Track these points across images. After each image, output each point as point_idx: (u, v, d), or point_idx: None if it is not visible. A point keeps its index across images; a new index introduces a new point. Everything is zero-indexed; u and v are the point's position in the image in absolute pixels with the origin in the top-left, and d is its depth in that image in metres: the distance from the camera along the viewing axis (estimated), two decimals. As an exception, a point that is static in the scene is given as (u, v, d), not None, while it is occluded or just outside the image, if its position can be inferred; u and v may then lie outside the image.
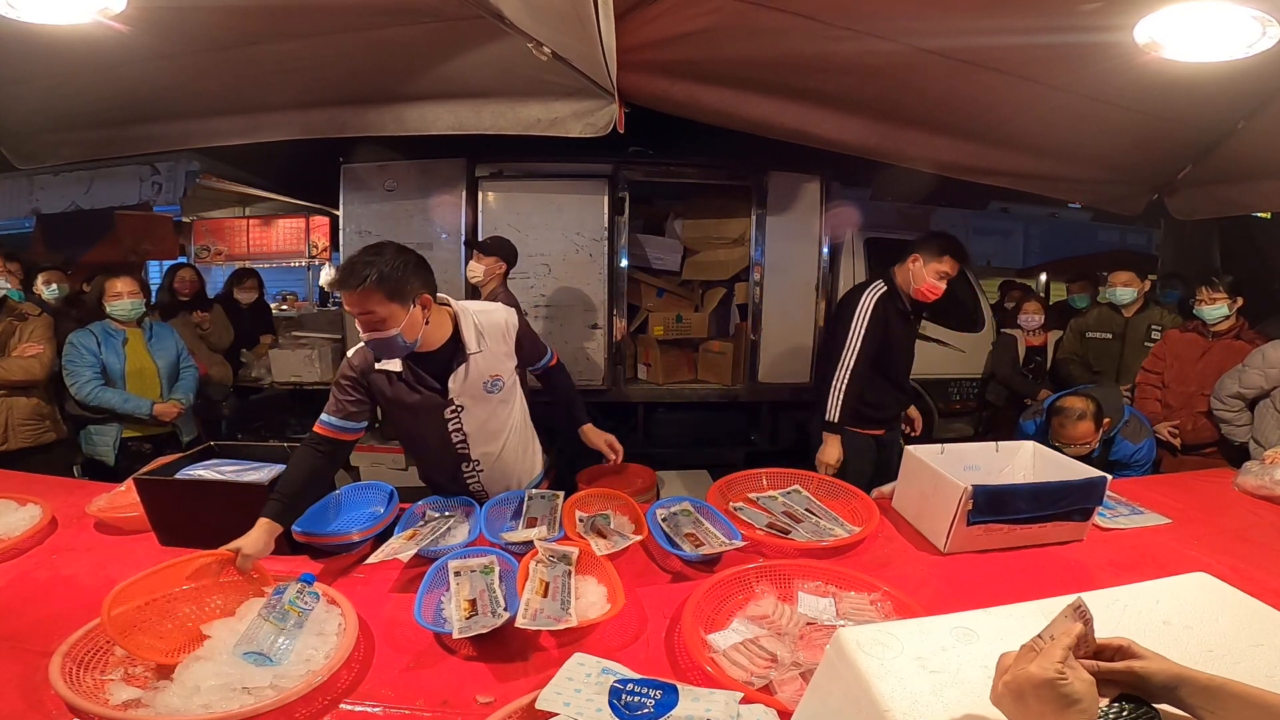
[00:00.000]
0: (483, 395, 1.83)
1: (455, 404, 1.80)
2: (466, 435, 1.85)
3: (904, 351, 2.70)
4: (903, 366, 2.72)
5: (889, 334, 2.54)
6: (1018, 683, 0.67)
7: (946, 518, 1.68)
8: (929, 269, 2.46)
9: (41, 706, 1.09)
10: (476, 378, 1.79)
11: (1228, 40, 1.79)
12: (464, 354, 1.76)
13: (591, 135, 2.46)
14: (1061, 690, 0.63)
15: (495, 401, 1.87)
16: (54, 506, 1.80)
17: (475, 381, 1.80)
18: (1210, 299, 2.95)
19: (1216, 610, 0.90)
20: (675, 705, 0.97)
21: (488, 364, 1.80)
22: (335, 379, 1.78)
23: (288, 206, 7.27)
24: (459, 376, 1.76)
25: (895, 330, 2.57)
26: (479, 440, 1.88)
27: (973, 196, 6.00)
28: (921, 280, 2.48)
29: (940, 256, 2.44)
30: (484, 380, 1.81)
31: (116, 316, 2.91)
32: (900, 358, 2.69)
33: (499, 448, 1.93)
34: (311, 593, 1.31)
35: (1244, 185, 3.16)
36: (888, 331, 2.53)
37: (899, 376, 2.71)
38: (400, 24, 2.16)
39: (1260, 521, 1.94)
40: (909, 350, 2.74)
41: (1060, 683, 0.63)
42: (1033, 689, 0.65)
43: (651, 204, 4.77)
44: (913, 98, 2.70)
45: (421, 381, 1.75)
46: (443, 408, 1.79)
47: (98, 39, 2.00)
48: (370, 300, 1.53)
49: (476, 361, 1.78)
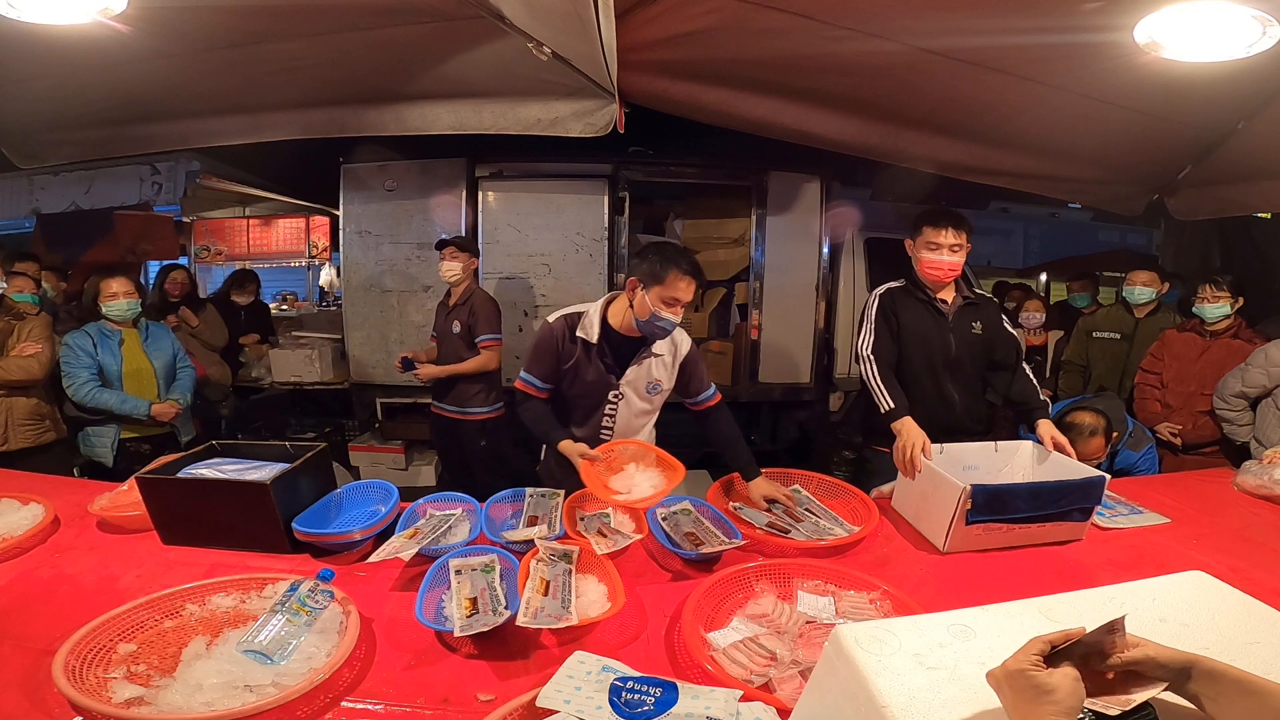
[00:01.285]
0: (643, 393, 2.04)
1: (620, 391, 2.01)
2: (615, 421, 2.05)
3: (938, 350, 2.25)
4: (931, 367, 2.26)
5: (906, 328, 2.24)
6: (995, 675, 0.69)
7: (946, 517, 1.68)
8: (918, 246, 2.23)
9: (44, 704, 1.09)
10: (645, 375, 2.01)
11: (1228, 40, 1.79)
12: (648, 350, 1.98)
13: (592, 135, 2.46)
14: (1033, 680, 0.64)
15: (648, 404, 2.08)
16: (56, 506, 1.80)
17: (643, 378, 2.01)
18: (1214, 297, 2.96)
19: (1213, 608, 0.90)
20: (675, 703, 0.97)
21: (658, 369, 2.03)
22: (532, 346, 2.01)
23: (288, 206, 7.26)
24: (636, 368, 1.99)
25: (916, 324, 2.24)
26: (623, 429, 2.07)
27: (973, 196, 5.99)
28: (918, 261, 2.23)
29: (920, 229, 2.22)
30: (649, 381, 2.03)
31: (112, 317, 2.90)
32: (932, 357, 2.25)
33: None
34: (325, 591, 1.30)
35: (1244, 185, 3.17)
36: (902, 325, 2.24)
37: (936, 381, 2.26)
38: (400, 24, 2.16)
39: (1260, 521, 1.95)
40: (946, 347, 2.25)
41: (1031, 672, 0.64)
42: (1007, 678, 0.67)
43: (651, 204, 4.77)
44: (913, 98, 2.70)
45: (605, 360, 1.96)
46: (609, 389, 2.00)
47: (98, 39, 2.00)
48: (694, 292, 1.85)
49: (652, 362, 2.00)
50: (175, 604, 1.32)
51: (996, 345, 2.30)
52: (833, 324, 4.69)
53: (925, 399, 2.22)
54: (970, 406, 2.32)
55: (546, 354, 1.97)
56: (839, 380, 4.78)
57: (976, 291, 2.35)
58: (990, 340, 2.29)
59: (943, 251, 2.18)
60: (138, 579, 1.50)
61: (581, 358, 1.96)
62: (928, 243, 2.20)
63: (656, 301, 1.83)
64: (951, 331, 2.25)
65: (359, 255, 4.29)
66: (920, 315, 2.26)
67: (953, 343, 2.25)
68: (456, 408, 3.34)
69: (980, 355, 2.30)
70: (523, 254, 4.21)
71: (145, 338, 3.02)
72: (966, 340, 2.26)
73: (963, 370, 2.28)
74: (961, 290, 2.29)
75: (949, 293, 2.29)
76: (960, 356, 2.26)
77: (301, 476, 1.75)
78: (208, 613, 1.32)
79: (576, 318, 1.97)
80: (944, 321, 2.26)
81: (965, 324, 2.27)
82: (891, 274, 2.40)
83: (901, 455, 1.92)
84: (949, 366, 2.27)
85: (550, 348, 1.96)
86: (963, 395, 2.29)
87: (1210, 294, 2.97)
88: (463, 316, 3.26)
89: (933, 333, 2.25)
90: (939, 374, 2.27)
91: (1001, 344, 2.30)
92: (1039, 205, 7.77)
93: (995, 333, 2.30)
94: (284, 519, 1.63)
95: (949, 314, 2.26)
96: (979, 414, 2.36)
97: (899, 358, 2.25)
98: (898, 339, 2.25)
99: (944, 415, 2.23)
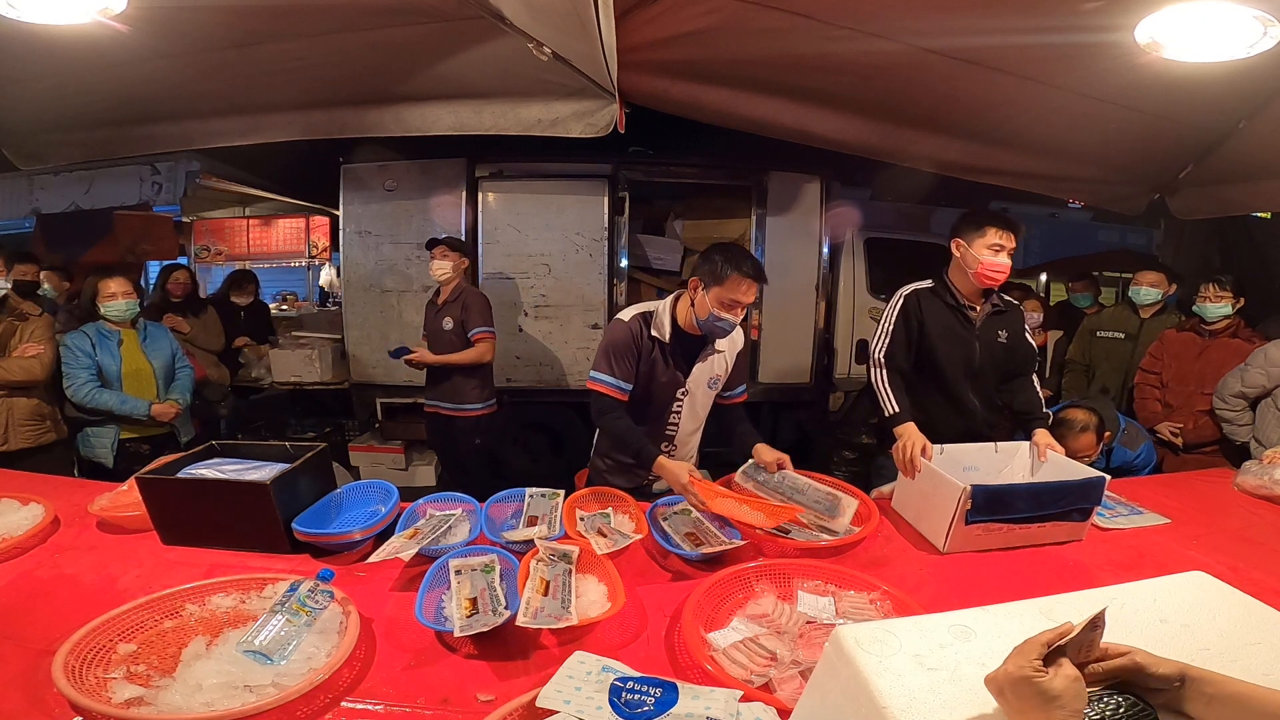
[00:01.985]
0: (705, 389, 2.08)
1: (687, 388, 2.05)
2: (680, 419, 2.09)
3: (962, 358, 2.19)
4: (961, 376, 2.20)
5: (931, 333, 2.17)
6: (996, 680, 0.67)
7: (946, 517, 1.68)
8: (976, 247, 2.09)
9: (44, 705, 1.09)
10: (708, 371, 2.05)
11: (1228, 40, 1.79)
12: (712, 348, 2.02)
13: (592, 135, 2.46)
14: (1039, 687, 0.63)
15: (709, 399, 2.12)
16: (56, 506, 1.80)
17: (706, 374, 2.05)
18: (1216, 297, 2.96)
19: (1213, 608, 0.90)
20: (675, 703, 0.97)
21: (720, 365, 2.07)
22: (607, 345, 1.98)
23: (288, 206, 7.27)
24: (702, 365, 2.03)
25: (942, 330, 2.18)
26: (687, 426, 2.12)
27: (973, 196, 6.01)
28: (976, 263, 2.09)
29: (982, 230, 2.09)
30: (710, 377, 2.07)
31: (110, 317, 2.90)
32: (956, 364, 2.19)
33: (693, 443, 2.19)
34: (325, 591, 1.30)
35: (1245, 185, 3.17)
36: (927, 330, 2.17)
37: (957, 389, 2.20)
38: (400, 24, 2.16)
39: (1260, 521, 1.95)
40: (971, 356, 2.19)
41: (1037, 679, 0.63)
42: (1010, 685, 0.65)
43: (651, 204, 4.78)
44: (913, 97, 2.70)
45: (674, 358, 2.00)
46: (677, 387, 2.04)
47: (98, 39, 2.00)
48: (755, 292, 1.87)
49: (715, 359, 2.04)
50: (175, 604, 1.32)
51: (1017, 353, 2.25)
52: (833, 324, 4.69)
53: (946, 406, 2.21)
54: (990, 415, 2.28)
55: (625, 353, 1.96)
56: (839, 380, 4.78)
57: (1005, 298, 2.29)
58: (1013, 349, 2.24)
59: (1004, 254, 2.09)
60: (137, 579, 1.50)
61: (657, 356, 1.99)
62: (992, 244, 2.08)
63: (716, 303, 1.85)
64: (978, 339, 2.20)
65: (359, 255, 4.30)
66: (947, 321, 2.19)
67: (978, 351, 2.20)
68: (451, 404, 3.34)
69: (1003, 364, 2.25)
70: (523, 254, 4.21)
71: (144, 338, 3.02)
72: (991, 349, 2.21)
73: (984, 379, 2.24)
74: (991, 298, 2.22)
75: (978, 299, 2.21)
76: (984, 365, 2.21)
77: (301, 477, 1.75)
78: (208, 613, 1.32)
79: (650, 315, 1.99)
80: (971, 329, 2.20)
81: (992, 332, 2.21)
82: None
83: (901, 456, 1.92)
84: (970, 375, 2.22)
85: (628, 346, 1.96)
86: (983, 403, 2.25)
87: (1214, 293, 2.97)
88: (454, 313, 3.26)
89: (959, 340, 2.19)
90: (961, 382, 2.22)
91: (1022, 352, 2.26)
92: (1039, 205, 7.76)
93: (1018, 342, 2.25)
94: (284, 519, 1.63)
95: (977, 321, 2.20)
96: (999, 423, 2.33)
97: (921, 362, 2.20)
98: (919, 344, 2.19)
99: (964, 423, 2.19)
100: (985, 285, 2.14)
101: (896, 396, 2.08)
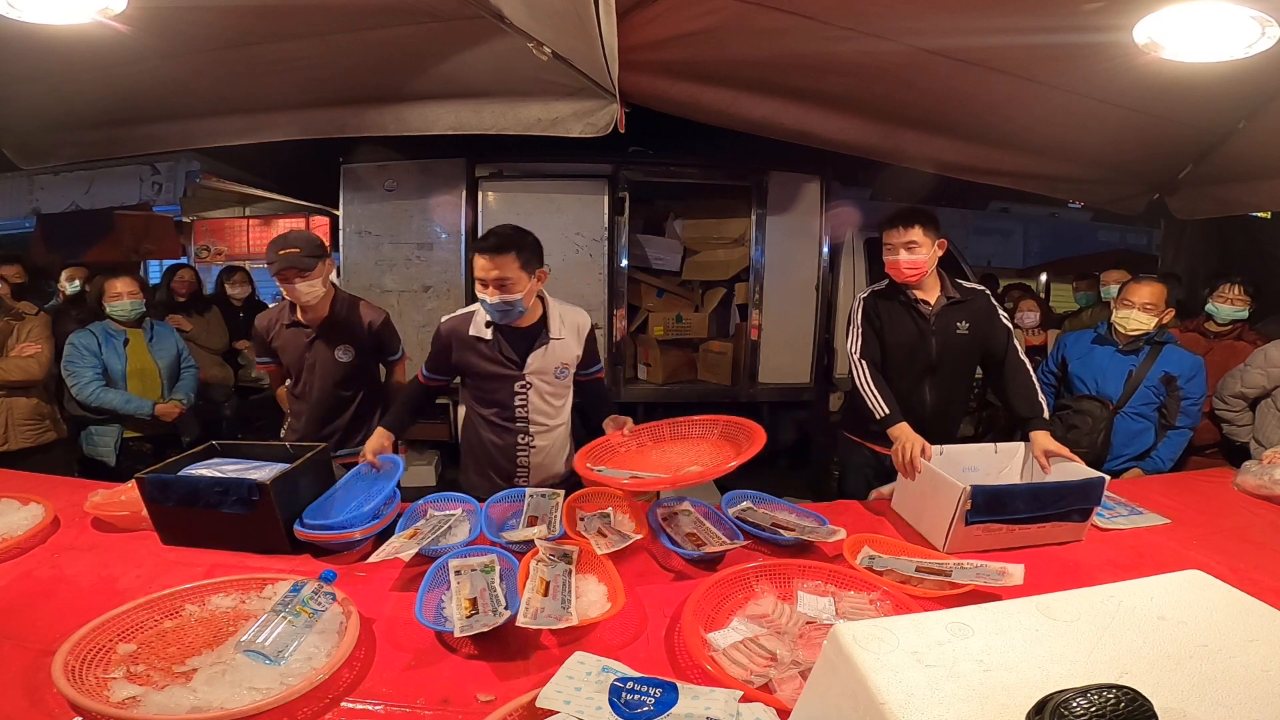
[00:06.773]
0: (551, 379, 2.05)
1: (526, 379, 2.01)
2: (529, 411, 2.04)
3: (919, 354, 2.20)
4: (910, 370, 2.22)
5: (886, 331, 2.21)
6: None
7: (946, 518, 1.68)
8: (887, 248, 2.17)
9: (44, 705, 1.09)
10: (551, 361, 2.02)
11: (1227, 40, 1.79)
12: (547, 336, 1.99)
13: (592, 135, 2.46)
14: None
15: (559, 387, 2.09)
16: (56, 506, 1.80)
17: (549, 364, 2.02)
18: (1236, 299, 2.88)
19: (1211, 606, 0.90)
20: (675, 703, 0.97)
21: (563, 351, 2.03)
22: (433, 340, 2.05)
23: (288, 206, 7.27)
24: (538, 355, 1.99)
25: (897, 327, 2.20)
26: (539, 418, 2.07)
27: (973, 196, 6.00)
28: (889, 263, 2.17)
29: (885, 231, 2.16)
30: (555, 366, 2.03)
31: (116, 317, 2.91)
32: (912, 361, 2.21)
33: (552, 435, 2.12)
34: (328, 593, 1.31)
35: (1245, 185, 3.17)
36: (883, 328, 2.21)
37: (906, 383, 2.21)
38: (400, 24, 2.17)
39: (1260, 521, 1.94)
40: (928, 350, 2.19)
41: None
42: None
43: (651, 204, 4.77)
44: (913, 97, 2.71)
45: (503, 353, 1.98)
46: (515, 380, 2.00)
47: (98, 39, 2.00)
48: (508, 265, 1.80)
49: (555, 346, 2.01)
50: (175, 604, 1.32)
51: (988, 338, 2.21)
52: (833, 324, 4.69)
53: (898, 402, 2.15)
54: (943, 410, 2.27)
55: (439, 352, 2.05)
56: (839, 380, 4.78)
57: (965, 285, 2.26)
58: (981, 335, 2.20)
59: (898, 251, 2.12)
60: (137, 579, 1.50)
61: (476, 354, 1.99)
62: (884, 244, 2.17)
63: (478, 287, 1.86)
64: (934, 335, 2.19)
65: (359, 255, 4.29)
66: (900, 318, 2.21)
67: (934, 346, 2.19)
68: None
69: (967, 355, 2.24)
70: (523, 254, 4.21)
71: (150, 338, 3.03)
72: (950, 342, 2.20)
73: (943, 373, 2.23)
74: (945, 289, 2.20)
75: (931, 292, 2.20)
76: (941, 359, 2.21)
77: (301, 476, 1.75)
78: (208, 613, 1.32)
79: (469, 316, 2.01)
80: (925, 324, 2.19)
81: (949, 324, 2.19)
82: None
83: (901, 458, 1.90)
84: (928, 370, 2.22)
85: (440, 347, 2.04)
86: (936, 399, 2.24)
87: (1236, 294, 2.88)
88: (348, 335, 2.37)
89: (913, 336, 2.20)
90: (918, 378, 2.23)
91: (993, 334, 2.20)
92: (1039, 205, 7.76)
93: (987, 325, 2.21)
94: (284, 519, 1.63)
95: (931, 315, 2.19)
96: (952, 418, 2.34)
97: (886, 362, 2.21)
98: (881, 342, 2.22)
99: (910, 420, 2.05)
100: (901, 282, 2.18)
101: (884, 398, 2.06)
